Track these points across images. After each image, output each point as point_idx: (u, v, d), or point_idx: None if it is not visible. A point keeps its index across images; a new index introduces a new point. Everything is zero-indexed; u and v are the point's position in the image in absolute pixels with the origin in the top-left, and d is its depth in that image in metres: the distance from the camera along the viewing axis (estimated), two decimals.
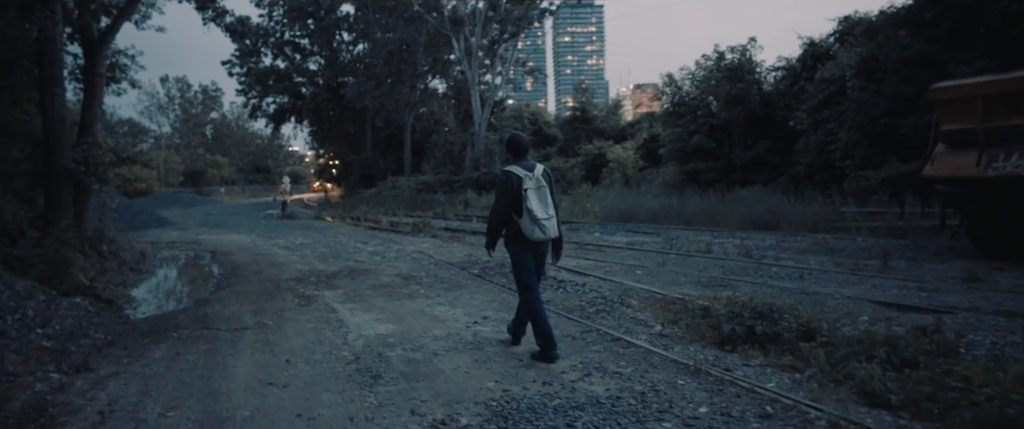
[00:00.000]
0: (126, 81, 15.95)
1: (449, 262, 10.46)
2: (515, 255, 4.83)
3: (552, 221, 4.73)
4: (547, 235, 4.69)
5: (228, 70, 47.27)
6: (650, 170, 27.21)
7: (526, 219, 4.61)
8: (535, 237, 4.64)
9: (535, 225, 4.61)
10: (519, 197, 4.60)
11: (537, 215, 4.60)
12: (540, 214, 4.62)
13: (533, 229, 4.61)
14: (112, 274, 9.60)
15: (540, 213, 4.63)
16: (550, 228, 4.70)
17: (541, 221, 4.63)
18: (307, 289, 8.30)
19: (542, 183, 4.71)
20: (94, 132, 10.76)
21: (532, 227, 4.61)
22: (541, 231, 4.64)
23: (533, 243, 4.73)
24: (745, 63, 20.63)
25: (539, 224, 4.62)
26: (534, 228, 4.61)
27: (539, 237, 4.65)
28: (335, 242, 14.79)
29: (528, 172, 4.68)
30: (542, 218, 4.63)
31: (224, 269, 10.97)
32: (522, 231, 4.67)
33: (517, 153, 4.89)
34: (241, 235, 18.09)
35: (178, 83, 77.89)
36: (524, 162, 4.81)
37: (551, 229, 4.71)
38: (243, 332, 5.98)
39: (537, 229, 4.62)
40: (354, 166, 44.05)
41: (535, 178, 4.68)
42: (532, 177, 4.66)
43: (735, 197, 18.07)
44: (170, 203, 40.10)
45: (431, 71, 40.90)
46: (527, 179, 4.63)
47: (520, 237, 4.72)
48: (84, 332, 6.03)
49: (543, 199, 4.69)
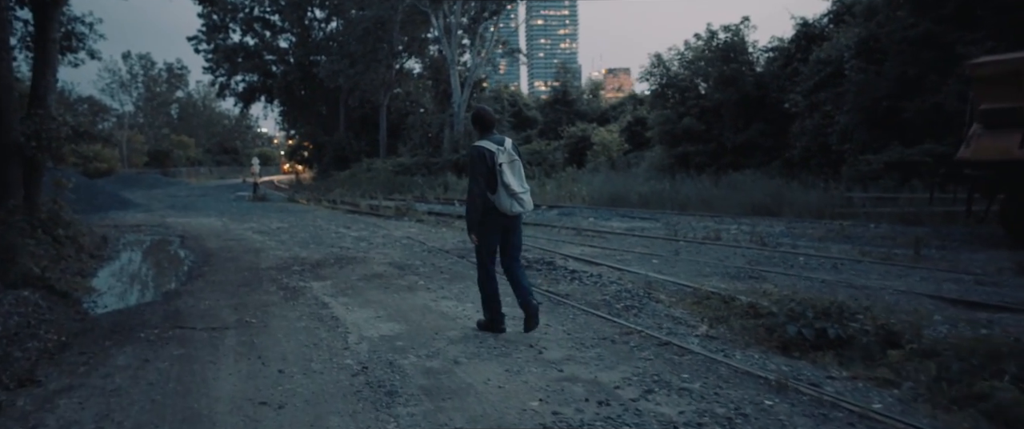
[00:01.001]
0: (84, 51, 14.71)
1: (443, 249, 9.68)
2: (481, 233, 4.70)
3: (527, 194, 4.68)
4: (525, 208, 4.65)
5: (194, 47, 45.36)
6: (635, 153, 26.64)
7: (502, 193, 4.52)
8: (513, 211, 4.57)
9: (512, 199, 4.54)
10: (494, 172, 4.50)
11: (514, 189, 4.53)
12: (516, 188, 4.56)
13: (511, 203, 4.54)
14: (69, 262, 8.61)
15: (516, 187, 4.56)
16: (527, 201, 4.65)
17: (518, 194, 4.56)
18: (291, 280, 7.45)
19: (514, 156, 4.64)
20: (47, 104, 9.67)
21: (510, 201, 4.54)
22: (519, 205, 4.58)
23: (507, 218, 4.65)
24: (738, 43, 20.04)
25: (516, 198, 4.55)
26: (512, 202, 4.54)
27: (516, 210, 4.59)
28: (314, 226, 13.87)
29: (499, 145, 4.58)
30: (519, 192, 4.57)
31: (196, 256, 10.02)
32: (497, 207, 4.57)
33: (484, 127, 4.79)
34: (211, 218, 17.01)
35: (141, 60, 74.90)
36: (492, 136, 4.71)
37: (527, 202, 4.66)
38: (223, 333, 5.15)
39: (515, 203, 4.56)
40: (327, 147, 42.76)
41: (507, 152, 4.59)
42: (504, 151, 4.57)
43: (729, 181, 17.55)
44: (134, 184, 38.39)
45: (407, 50, 39.67)
46: (500, 153, 4.53)
47: (494, 213, 4.62)
48: (32, 332, 5.13)
49: (517, 172, 4.62)
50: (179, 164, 63.44)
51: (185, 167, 63.65)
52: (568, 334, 4.85)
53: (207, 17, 43.96)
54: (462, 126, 30.79)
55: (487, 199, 4.58)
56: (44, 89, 9.75)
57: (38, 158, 8.95)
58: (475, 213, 4.63)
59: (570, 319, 5.32)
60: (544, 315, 5.31)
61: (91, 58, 15.06)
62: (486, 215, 4.64)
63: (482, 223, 4.67)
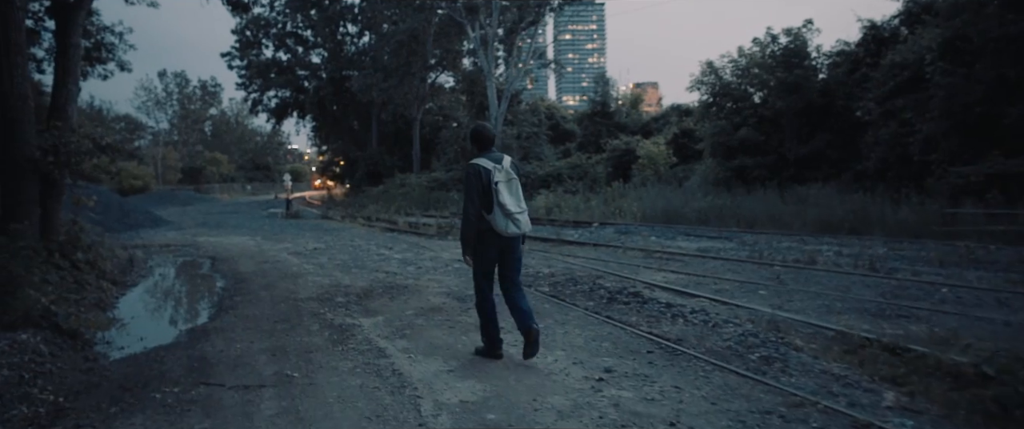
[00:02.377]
0: (114, 62, 14.04)
1: None
2: (477, 253, 4.53)
3: (525, 214, 4.49)
4: (521, 230, 4.44)
5: (228, 63, 45.29)
6: (682, 167, 25.26)
7: (498, 214, 4.33)
8: (509, 232, 4.37)
9: (508, 219, 4.34)
10: (489, 191, 4.32)
11: (510, 209, 4.34)
12: (513, 208, 4.36)
13: (507, 223, 4.34)
14: (87, 291, 7.66)
15: (512, 206, 4.36)
16: (524, 222, 4.46)
17: (515, 215, 4.37)
18: (337, 314, 6.36)
19: (512, 175, 4.45)
20: (68, 115, 8.80)
21: (505, 222, 4.34)
22: (515, 226, 4.38)
23: (503, 239, 4.43)
24: (800, 48, 18.65)
25: (512, 218, 4.36)
26: (508, 223, 4.35)
27: (513, 232, 4.39)
28: (353, 247, 12.84)
29: (496, 164, 4.41)
30: (515, 212, 4.38)
31: (227, 281, 9.03)
32: (493, 227, 4.38)
33: (482, 145, 4.57)
34: (244, 237, 16.14)
35: (176, 78, 75.86)
36: (490, 154, 4.50)
37: (525, 223, 4.47)
38: (259, 393, 4.05)
39: (511, 223, 4.36)
40: (359, 163, 42.02)
41: (504, 170, 4.40)
42: (501, 169, 4.39)
43: (796, 196, 16.15)
44: (167, 201, 38.17)
45: (440, 64, 38.92)
46: (496, 171, 4.36)
47: (489, 234, 4.43)
48: (24, 391, 4.10)
49: (514, 192, 4.43)
50: (212, 181, 63.62)
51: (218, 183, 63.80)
52: (713, 404, 3.64)
53: (240, 33, 43.87)
54: (500, 140, 29.78)
55: (483, 219, 4.39)
56: (64, 99, 8.89)
57: (55, 174, 8.04)
58: (469, 233, 4.46)
59: (702, 378, 4.11)
60: (666, 371, 4.12)
61: (120, 70, 14.39)
62: (482, 236, 4.45)
63: (478, 244, 4.48)
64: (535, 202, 23.79)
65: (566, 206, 21.95)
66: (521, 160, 29.75)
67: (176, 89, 75.25)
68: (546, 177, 27.65)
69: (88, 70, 14.13)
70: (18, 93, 7.81)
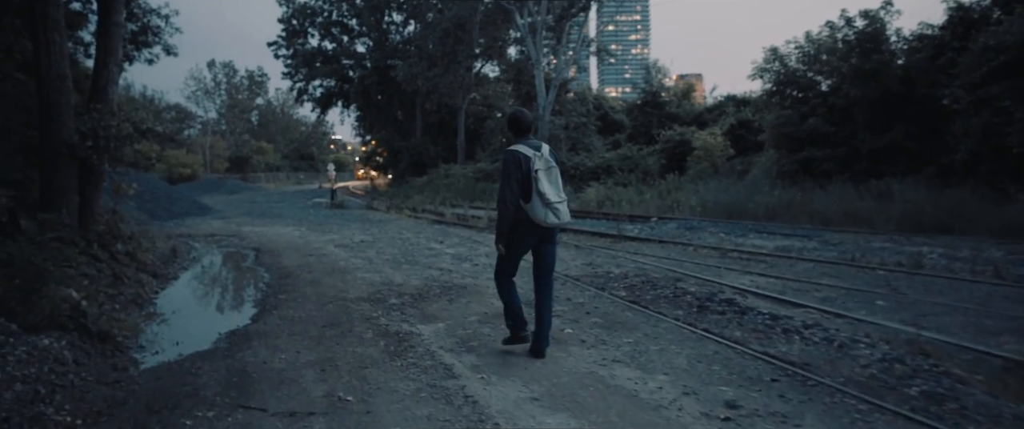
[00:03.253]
0: (159, 45, 13.66)
1: (570, 275, 7.72)
2: (511, 242, 4.37)
3: (564, 205, 4.31)
4: (560, 219, 4.26)
5: (274, 52, 45.49)
6: (740, 159, 24.00)
7: (536, 203, 4.18)
8: (548, 222, 4.20)
9: (547, 209, 4.18)
10: (529, 178, 4.18)
11: (550, 198, 4.18)
12: (552, 197, 4.20)
13: (546, 213, 4.18)
14: (125, 285, 7.15)
15: (553, 196, 4.20)
16: (564, 212, 4.28)
17: (554, 204, 4.20)
18: (391, 319, 5.66)
19: (552, 163, 4.31)
20: (108, 97, 8.31)
21: (544, 211, 4.18)
22: (555, 216, 4.21)
23: (540, 229, 4.28)
24: (878, 32, 17.23)
25: (552, 208, 4.19)
26: (547, 212, 4.18)
27: (552, 222, 4.21)
28: (401, 240, 12.21)
29: (536, 151, 4.27)
30: (555, 201, 4.20)
31: (271, 276, 8.45)
32: (530, 217, 4.22)
33: (520, 131, 4.44)
34: (288, 227, 15.70)
35: (225, 68, 76.90)
36: (528, 140, 4.37)
37: (564, 213, 4.28)
38: (307, 424, 3.34)
39: (550, 213, 4.19)
40: (403, 153, 41.67)
41: (544, 158, 4.27)
42: (541, 157, 4.26)
43: (873, 190, 14.91)
44: (214, 189, 38.46)
45: (485, 53, 38.18)
46: (536, 159, 4.22)
47: (525, 224, 4.27)
48: (37, 410, 3.48)
49: (553, 180, 4.28)
50: (258, 169, 64.37)
51: (263, 172, 64.53)
52: None
53: (287, 22, 43.92)
54: (548, 130, 28.87)
55: (520, 208, 4.23)
56: (105, 81, 8.39)
57: (94, 160, 7.54)
58: (505, 222, 4.28)
59: (859, 422, 3.24)
60: (806, 410, 3.28)
61: (167, 54, 14.01)
62: (517, 225, 4.31)
63: (512, 233, 4.32)
64: (585, 194, 22.92)
65: (619, 199, 21.05)
66: (569, 151, 28.84)
67: (224, 79, 76.34)
68: (595, 169, 26.70)
69: (134, 54, 13.80)
70: (56, 73, 7.33)
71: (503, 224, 4.30)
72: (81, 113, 7.69)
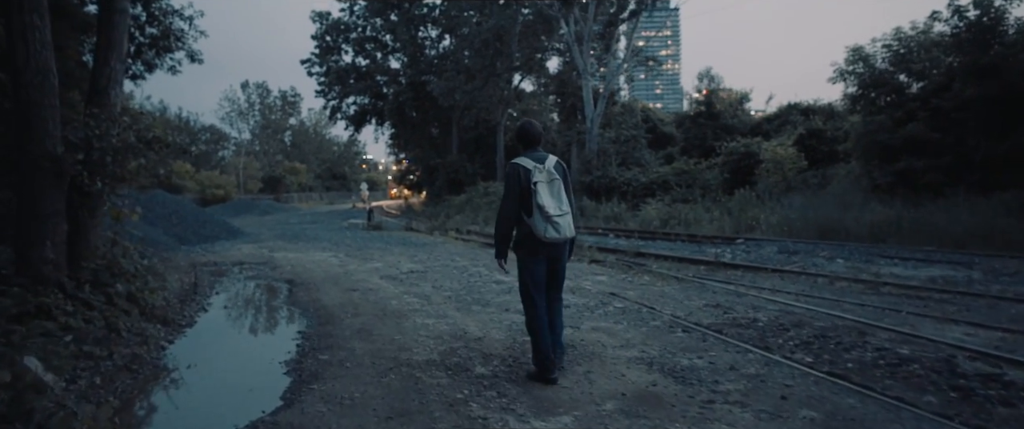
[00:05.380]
0: (183, 51, 12.18)
1: (699, 324, 5.79)
2: (523, 261, 4.24)
3: (567, 218, 4.13)
4: (562, 235, 4.09)
5: (307, 70, 44.50)
6: (811, 171, 21.79)
7: (537, 217, 4.05)
8: (548, 237, 4.05)
9: (548, 223, 4.04)
10: (528, 192, 4.07)
11: (549, 211, 4.04)
12: (552, 210, 4.05)
13: (546, 227, 4.04)
14: (119, 342, 5.43)
15: (552, 209, 4.06)
16: (565, 226, 4.10)
17: (554, 218, 4.05)
18: (487, 406, 3.80)
19: (555, 176, 4.15)
20: (110, 101, 6.69)
21: (544, 225, 4.04)
22: (555, 230, 4.06)
23: (546, 246, 4.13)
24: (994, 23, 15.03)
25: (552, 222, 4.04)
26: (547, 226, 4.04)
27: (553, 237, 4.06)
28: (457, 269, 10.40)
29: (538, 164, 4.15)
30: (555, 215, 4.06)
31: (308, 322, 6.69)
32: (533, 232, 4.10)
33: (528, 143, 4.32)
34: (325, 253, 14.03)
35: (258, 89, 76.97)
36: (534, 153, 4.27)
37: (566, 227, 4.11)
38: None
39: (550, 227, 4.04)
40: (439, 171, 40.13)
41: (546, 170, 4.14)
42: (542, 169, 4.13)
43: (1006, 206, 12.70)
44: (246, 210, 37.31)
45: (525, 65, 36.57)
46: (536, 171, 4.10)
47: (531, 240, 4.15)
48: None
49: (556, 193, 4.12)
50: (291, 190, 63.64)
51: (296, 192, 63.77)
52: None
53: (320, 39, 43.00)
54: (596, 144, 27.00)
55: (522, 223, 4.16)
56: (106, 79, 6.77)
57: (84, 178, 5.88)
58: (503, 235, 4.20)
59: None
60: None
61: (191, 61, 12.56)
62: (525, 242, 4.19)
63: (522, 248, 4.21)
64: (644, 212, 20.98)
65: (682, 217, 19.05)
66: (619, 165, 26.89)
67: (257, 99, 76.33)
68: (650, 184, 24.73)
69: (156, 62, 12.36)
70: (36, 66, 5.70)
71: (500, 237, 4.22)
72: (70, 120, 6.07)
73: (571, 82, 32.11)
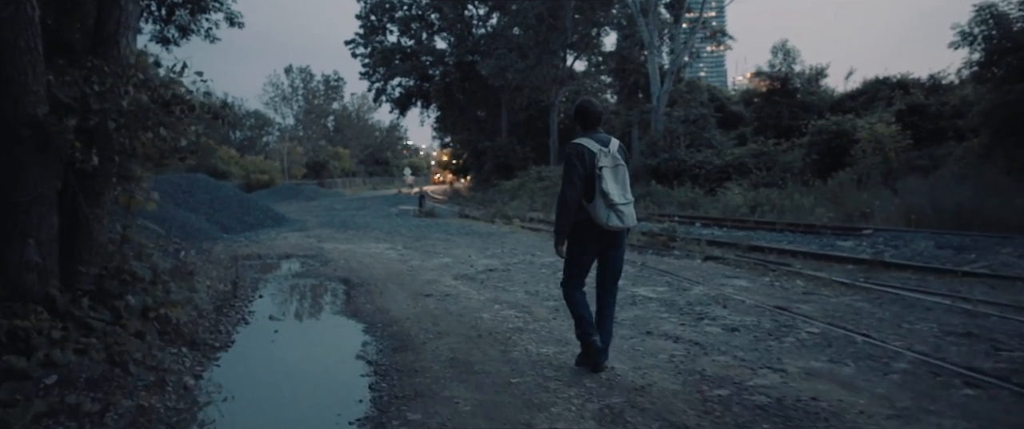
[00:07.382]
0: (221, 12, 10.60)
1: (963, 366, 3.86)
2: (574, 244, 3.94)
3: (631, 206, 3.83)
4: (625, 223, 3.78)
5: (351, 50, 43.25)
6: (917, 151, 19.27)
7: (599, 203, 3.72)
8: (611, 224, 3.72)
9: (611, 211, 3.71)
10: (592, 176, 3.73)
11: (614, 199, 3.71)
12: (617, 198, 3.73)
13: (609, 215, 3.71)
14: (120, 381, 3.80)
15: (617, 197, 3.73)
16: (629, 215, 3.80)
17: (618, 206, 3.73)
18: None
19: (619, 160, 3.83)
20: (119, 52, 5.03)
21: (607, 213, 3.71)
22: (618, 218, 3.74)
23: (604, 233, 3.79)
24: None
25: (616, 210, 3.72)
26: (610, 214, 3.71)
27: (615, 225, 3.73)
28: (545, 267, 8.59)
29: (602, 146, 3.82)
30: (619, 203, 3.73)
31: (377, 343, 4.99)
32: (592, 218, 3.76)
33: (588, 123, 3.97)
34: (380, 244, 12.41)
35: (302, 74, 76.43)
36: (596, 134, 3.92)
37: (630, 216, 3.81)
38: None
39: (614, 215, 3.72)
40: (488, 154, 38.39)
41: (611, 154, 3.81)
42: (607, 153, 3.80)
43: None
44: (291, 196, 36.26)
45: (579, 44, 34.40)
46: (602, 155, 3.77)
47: (588, 226, 3.81)
48: None
49: (620, 180, 3.79)
50: (335, 175, 62.87)
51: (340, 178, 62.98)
52: None
53: (365, 18, 41.59)
54: (662, 124, 24.83)
55: (582, 208, 3.77)
56: (114, 24, 5.10)
57: (74, 150, 4.22)
58: (564, 222, 3.87)
59: None
60: None
61: (231, 25, 11.00)
62: (578, 228, 3.85)
63: (573, 235, 3.90)
64: (726, 198, 18.87)
65: (771, 203, 16.94)
66: (688, 147, 24.69)
67: (301, 84, 75.81)
68: (726, 167, 22.51)
69: (191, 27, 10.82)
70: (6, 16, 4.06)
71: (562, 225, 3.90)
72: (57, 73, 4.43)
73: (632, 58, 29.87)
